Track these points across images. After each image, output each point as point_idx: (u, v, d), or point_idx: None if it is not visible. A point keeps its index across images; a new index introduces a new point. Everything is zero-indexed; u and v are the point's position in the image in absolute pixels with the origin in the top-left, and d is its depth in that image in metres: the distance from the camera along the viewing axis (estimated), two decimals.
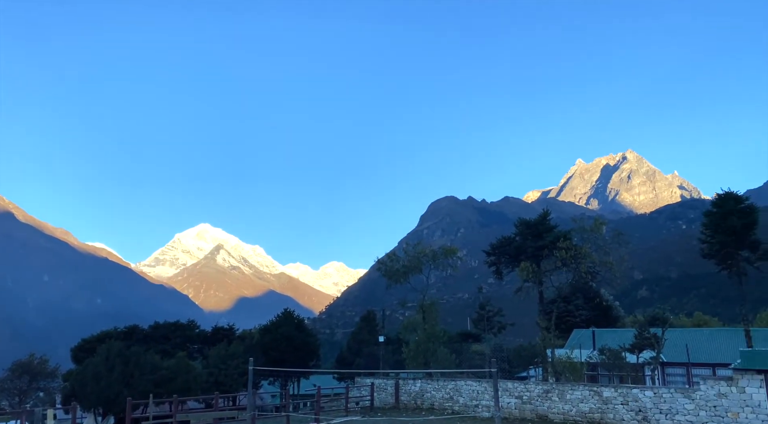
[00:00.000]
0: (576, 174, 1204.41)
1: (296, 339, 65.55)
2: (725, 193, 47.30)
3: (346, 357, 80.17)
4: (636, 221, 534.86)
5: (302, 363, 64.63)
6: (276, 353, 63.02)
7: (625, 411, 27.74)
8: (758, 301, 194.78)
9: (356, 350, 78.37)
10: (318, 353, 75.31)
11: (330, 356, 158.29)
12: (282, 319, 68.85)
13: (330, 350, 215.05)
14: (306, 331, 71.73)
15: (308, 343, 68.46)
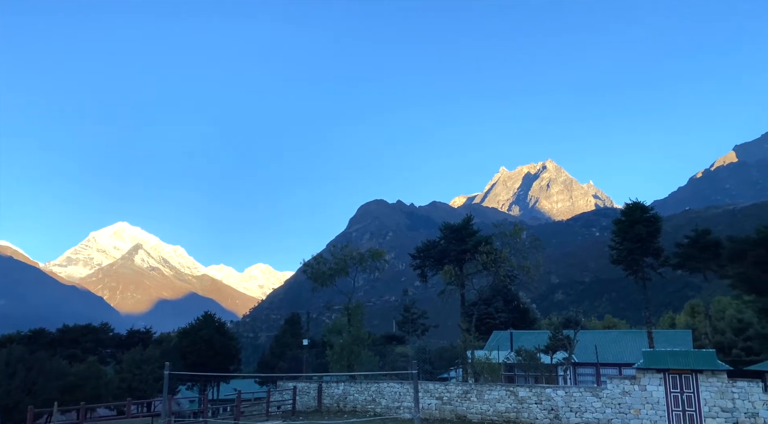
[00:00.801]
0: (499, 181, 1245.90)
1: (217, 343, 63.74)
2: (633, 203, 50.46)
3: (268, 361, 78.75)
4: (554, 228, 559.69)
5: (223, 367, 62.91)
6: (195, 357, 60.98)
7: (539, 410, 28.94)
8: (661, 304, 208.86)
9: (279, 354, 77.18)
10: (239, 357, 73.56)
11: (253, 359, 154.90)
12: (202, 322, 66.74)
13: (253, 354, 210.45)
14: (227, 334, 69.91)
15: (229, 346, 66.74)
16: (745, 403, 25.44)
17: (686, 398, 26.09)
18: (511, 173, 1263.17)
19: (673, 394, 26.29)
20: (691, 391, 26.07)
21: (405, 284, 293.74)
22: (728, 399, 25.66)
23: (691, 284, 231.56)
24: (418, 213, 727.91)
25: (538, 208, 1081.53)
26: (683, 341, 47.62)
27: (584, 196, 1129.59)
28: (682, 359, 26.76)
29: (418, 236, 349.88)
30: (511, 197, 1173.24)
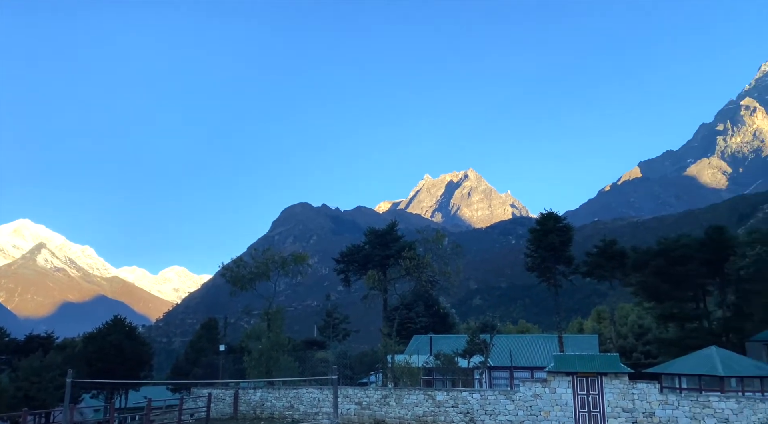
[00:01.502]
0: (423, 188, 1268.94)
1: (127, 348, 60.55)
2: (547, 213, 52.93)
3: (182, 367, 75.70)
4: (473, 235, 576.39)
5: (133, 374, 59.79)
6: (102, 364, 57.59)
7: (455, 413, 29.57)
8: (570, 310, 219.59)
9: (194, 360, 74.39)
10: (151, 363, 70.25)
11: (166, 366, 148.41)
12: (111, 326, 63.19)
13: (166, 360, 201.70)
14: (139, 339, 66.60)
15: (140, 352, 63.60)
16: (643, 403, 27.19)
17: (592, 399, 27.55)
18: (434, 181, 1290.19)
19: (580, 396, 27.68)
20: (597, 393, 27.57)
21: (328, 289, 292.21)
22: (629, 400, 27.34)
23: (598, 291, 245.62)
24: (343, 217, 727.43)
25: (460, 216, 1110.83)
26: (590, 346, 50.30)
27: (502, 205, 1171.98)
28: (588, 362, 28.26)
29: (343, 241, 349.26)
30: (434, 204, 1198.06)
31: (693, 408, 26.97)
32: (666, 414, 26.90)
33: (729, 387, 33.79)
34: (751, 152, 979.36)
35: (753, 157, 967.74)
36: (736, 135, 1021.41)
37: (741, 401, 27.11)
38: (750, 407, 26.77)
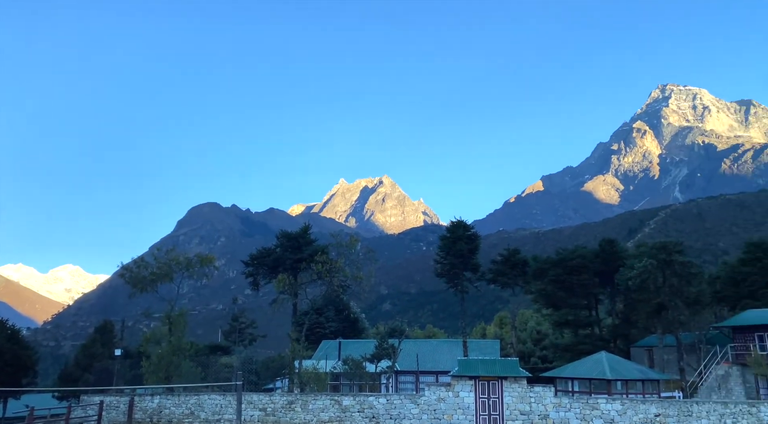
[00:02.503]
0: (338, 192, 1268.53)
1: (6, 352, 55.44)
2: (457, 221, 54.58)
3: (72, 373, 70.36)
4: (386, 241, 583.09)
5: (14, 381, 54.78)
6: None
7: (361, 418, 29.62)
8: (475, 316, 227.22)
9: (86, 365, 69.39)
10: (35, 369, 64.74)
11: (53, 371, 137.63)
12: None
13: (53, 365, 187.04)
14: (21, 343, 61.20)
15: (21, 356, 58.43)
16: (539, 406, 28.59)
17: (492, 402, 28.59)
18: (349, 185, 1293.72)
19: (481, 399, 28.64)
20: (497, 396, 28.65)
21: (235, 292, 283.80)
22: (526, 403, 28.64)
23: (501, 297, 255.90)
24: (254, 219, 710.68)
25: (373, 221, 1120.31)
26: (492, 350, 52.26)
27: (415, 212, 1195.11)
28: (490, 366, 29.33)
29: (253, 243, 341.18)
30: (349, 209, 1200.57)
31: (583, 410, 28.69)
32: (559, 416, 28.43)
33: (615, 390, 36.31)
34: (641, 171, 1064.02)
35: (642, 176, 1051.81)
36: (628, 155, 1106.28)
37: (625, 403, 29.19)
38: (632, 408, 28.88)
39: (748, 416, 29.77)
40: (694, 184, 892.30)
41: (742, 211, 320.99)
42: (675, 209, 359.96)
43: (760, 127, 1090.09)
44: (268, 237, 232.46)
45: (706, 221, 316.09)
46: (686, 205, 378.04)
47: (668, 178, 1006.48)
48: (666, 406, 29.36)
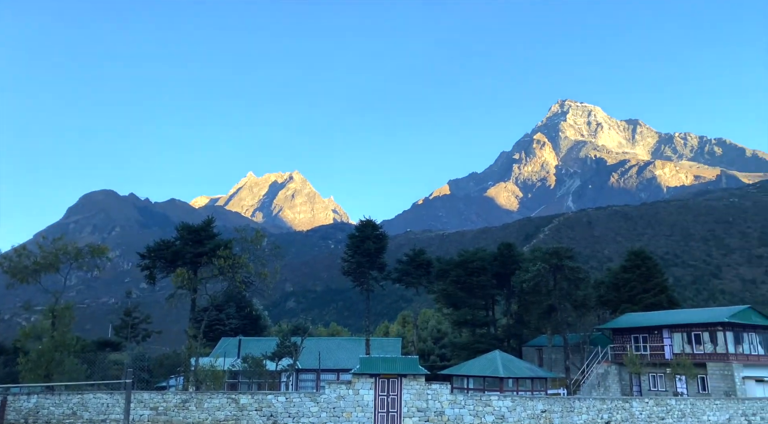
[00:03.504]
0: (246, 186, 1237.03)
1: None
2: (366, 220, 55.02)
3: None
4: (294, 238, 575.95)
5: None
6: None
7: (258, 417, 29.05)
8: (379, 314, 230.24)
9: None
10: None
11: None
12: None
13: None
14: None
15: None
16: (435, 403, 29.46)
17: (391, 400, 29.10)
18: (258, 179, 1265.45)
19: (380, 397, 29.05)
20: (396, 393, 29.19)
21: (129, 286, 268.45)
22: (423, 400, 29.40)
23: (405, 296, 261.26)
24: (153, 210, 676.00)
25: (281, 217, 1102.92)
26: (394, 348, 53.19)
27: (325, 210, 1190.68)
28: (391, 364, 29.82)
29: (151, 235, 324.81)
30: (256, 203, 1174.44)
31: (476, 406, 29.91)
32: (454, 413, 29.45)
33: (507, 387, 38.20)
34: (539, 181, 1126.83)
35: (540, 185, 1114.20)
36: (528, 164, 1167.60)
37: (515, 400, 30.78)
38: (522, 405, 30.51)
39: (622, 411, 32.40)
40: (586, 195, 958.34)
41: (626, 222, 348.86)
42: (567, 217, 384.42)
43: (644, 146, 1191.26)
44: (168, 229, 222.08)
45: (594, 229, 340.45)
46: (577, 214, 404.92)
47: (563, 188, 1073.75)
48: (552, 402, 31.28)
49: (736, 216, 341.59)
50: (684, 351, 44.93)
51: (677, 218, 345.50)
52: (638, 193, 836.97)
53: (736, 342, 43.33)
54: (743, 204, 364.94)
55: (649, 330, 47.96)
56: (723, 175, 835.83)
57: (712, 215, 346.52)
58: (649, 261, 64.45)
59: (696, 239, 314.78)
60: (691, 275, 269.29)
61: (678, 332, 46.02)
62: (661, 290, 61.11)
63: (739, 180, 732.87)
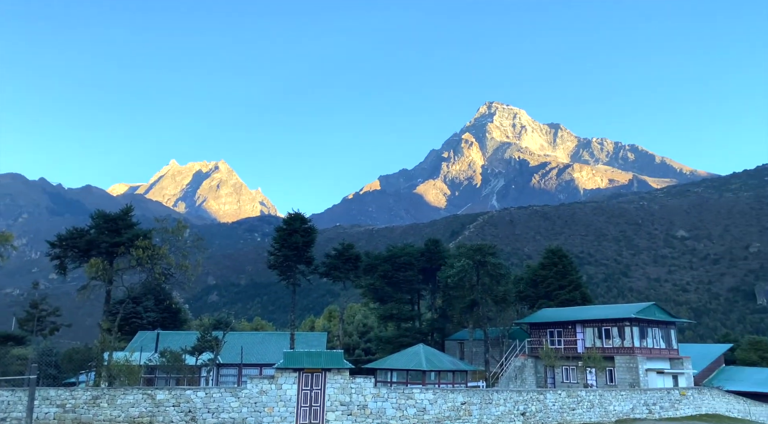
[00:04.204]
0: (168, 174, 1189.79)
1: None
2: (295, 213, 54.31)
3: None
4: (218, 229, 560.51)
5: None
6: None
7: (176, 413, 28.06)
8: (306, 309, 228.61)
9: None
10: None
11: None
12: None
13: None
14: None
15: None
16: (359, 397, 29.58)
17: (314, 394, 28.93)
18: (181, 168, 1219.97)
19: (304, 391, 28.82)
20: (320, 388, 29.06)
21: (37, 276, 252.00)
22: (347, 394, 29.45)
23: (332, 291, 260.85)
24: (66, 196, 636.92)
25: (205, 208, 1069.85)
26: (319, 343, 52.94)
27: (251, 202, 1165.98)
28: (315, 359, 29.64)
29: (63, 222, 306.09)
30: (179, 193, 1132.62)
31: (399, 400, 30.31)
32: (377, 406, 29.70)
33: (429, 380, 38.98)
34: (466, 179, 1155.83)
35: (466, 184, 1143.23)
36: (456, 163, 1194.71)
37: (437, 392, 31.45)
38: (443, 397, 31.23)
39: (537, 402, 33.89)
40: (509, 195, 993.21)
41: (545, 221, 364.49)
42: (491, 216, 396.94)
43: (564, 149, 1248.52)
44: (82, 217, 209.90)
45: (516, 228, 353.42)
46: (501, 212, 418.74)
47: (488, 187, 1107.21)
48: (471, 395, 32.22)
49: (644, 218, 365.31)
50: (595, 345, 47.55)
51: (592, 218, 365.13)
52: (557, 195, 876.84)
53: (641, 337, 46.34)
54: (651, 207, 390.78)
55: (564, 325, 50.38)
56: (635, 180, 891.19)
57: (623, 217, 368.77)
58: (566, 259, 67.63)
59: (608, 239, 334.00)
60: (603, 273, 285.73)
61: (590, 327, 48.63)
62: (575, 287, 64.32)
63: (649, 185, 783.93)
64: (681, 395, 41.46)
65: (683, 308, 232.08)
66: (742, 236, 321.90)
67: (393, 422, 29.67)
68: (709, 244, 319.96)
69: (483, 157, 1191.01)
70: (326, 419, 28.70)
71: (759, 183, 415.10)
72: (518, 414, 32.84)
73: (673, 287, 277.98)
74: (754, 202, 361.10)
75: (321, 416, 28.67)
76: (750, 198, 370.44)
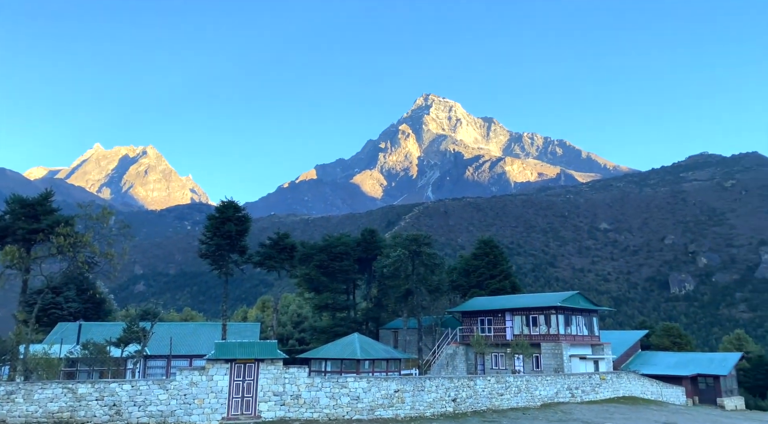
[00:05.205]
0: (92, 159, 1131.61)
1: None
2: (228, 201, 52.95)
3: None
4: (146, 217, 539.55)
5: None
6: None
7: (99, 407, 26.90)
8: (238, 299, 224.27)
9: None
10: None
11: None
12: None
13: None
14: None
15: None
16: (292, 387, 29.39)
17: (247, 385, 28.48)
18: (107, 152, 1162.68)
19: (236, 382, 28.32)
20: (252, 378, 28.63)
21: None
22: (280, 384, 29.18)
23: (266, 281, 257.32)
24: None
25: (132, 194, 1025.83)
26: (252, 333, 52.12)
27: (182, 189, 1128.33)
28: (248, 349, 29.15)
29: None
30: (104, 178, 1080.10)
31: (333, 388, 30.36)
32: (311, 396, 29.62)
33: (363, 369, 39.24)
34: (402, 170, 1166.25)
35: (403, 175, 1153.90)
36: (393, 154, 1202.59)
37: (371, 381, 31.73)
38: (376, 385, 31.54)
39: (467, 388, 34.86)
40: (444, 186, 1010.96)
41: (478, 212, 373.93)
42: (427, 207, 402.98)
43: (497, 143, 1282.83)
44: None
45: (450, 218, 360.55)
46: (436, 203, 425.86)
47: (424, 178, 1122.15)
48: (404, 382, 32.72)
49: (570, 211, 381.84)
50: (523, 333, 49.39)
51: (522, 211, 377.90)
52: (490, 187, 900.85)
53: (566, 324, 48.53)
54: (577, 200, 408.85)
55: (494, 313, 52.01)
56: (562, 174, 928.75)
57: (551, 209, 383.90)
58: (497, 250, 69.70)
59: (537, 230, 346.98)
60: (532, 263, 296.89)
61: (518, 315, 50.44)
62: (505, 277, 66.45)
63: (575, 179, 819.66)
64: (601, 380, 43.82)
65: (605, 296, 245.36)
66: (658, 228, 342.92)
67: (327, 411, 29.71)
68: (629, 236, 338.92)
69: (419, 149, 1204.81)
70: (259, 410, 28.36)
71: (675, 179, 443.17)
72: (449, 400, 33.67)
73: (596, 276, 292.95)
74: (670, 197, 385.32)
75: (253, 407, 28.29)
76: (666, 193, 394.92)
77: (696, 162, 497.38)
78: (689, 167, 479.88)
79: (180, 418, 27.32)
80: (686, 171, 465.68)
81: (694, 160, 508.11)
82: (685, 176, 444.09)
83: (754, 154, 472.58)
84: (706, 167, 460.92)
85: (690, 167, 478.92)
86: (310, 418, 29.15)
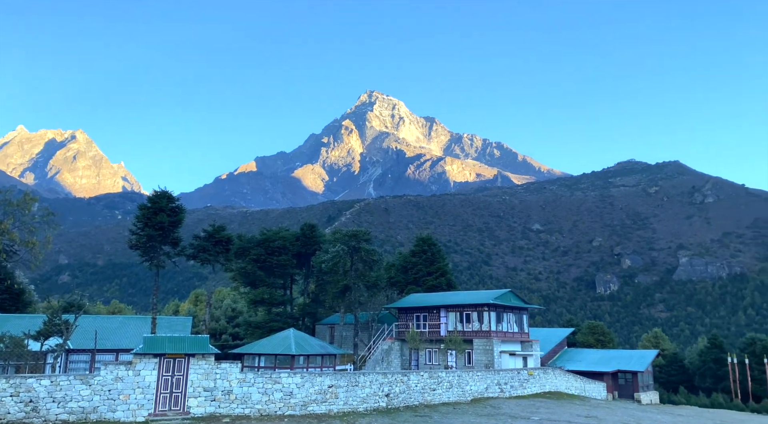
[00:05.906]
0: (15, 141, 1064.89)
1: None
2: (161, 191, 51.19)
3: None
4: (73, 204, 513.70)
5: None
6: None
7: (14, 403, 25.44)
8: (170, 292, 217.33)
9: None
10: None
11: None
12: None
13: None
14: None
15: None
16: (224, 382, 28.82)
17: (176, 380, 27.69)
18: (31, 135, 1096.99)
19: (164, 377, 27.47)
20: (182, 373, 27.85)
21: None
22: (211, 380, 28.55)
23: (200, 274, 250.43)
24: None
25: (59, 181, 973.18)
26: (183, 327, 50.63)
27: (113, 177, 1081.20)
28: (178, 344, 28.33)
29: None
30: (27, 162, 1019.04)
31: (266, 384, 29.99)
32: (243, 391, 29.14)
33: (298, 364, 39.01)
34: (344, 166, 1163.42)
35: (345, 170, 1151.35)
36: (335, 149, 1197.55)
37: (305, 376, 31.56)
38: (310, 381, 31.42)
39: (401, 383, 35.29)
40: (385, 183, 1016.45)
41: (417, 210, 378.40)
42: (368, 203, 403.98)
43: (438, 142, 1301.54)
44: None
45: (390, 215, 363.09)
46: (377, 200, 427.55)
47: (366, 175, 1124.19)
48: (338, 378, 32.74)
49: (505, 212, 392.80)
50: (457, 329, 50.47)
51: (460, 210, 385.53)
52: (430, 186, 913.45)
53: (497, 321, 49.96)
54: (512, 202, 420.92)
55: (429, 310, 52.85)
56: (499, 175, 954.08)
57: (487, 209, 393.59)
58: (434, 247, 70.82)
59: (473, 229, 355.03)
60: (468, 261, 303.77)
61: (453, 312, 51.49)
62: (441, 274, 67.65)
63: (511, 181, 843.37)
64: (529, 375, 45.44)
65: (535, 295, 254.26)
66: (587, 230, 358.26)
67: (258, 407, 29.33)
68: (560, 237, 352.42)
69: (362, 145, 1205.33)
70: (188, 406, 27.65)
71: (604, 184, 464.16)
72: (383, 395, 33.99)
73: (528, 275, 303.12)
74: (599, 201, 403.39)
75: (182, 403, 27.55)
76: (596, 197, 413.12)
77: (624, 168, 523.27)
78: (617, 173, 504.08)
79: (103, 415, 26.24)
80: (615, 177, 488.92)
81: (622, 167, 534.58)
82: (613, 182, 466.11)
83: (676, 163, 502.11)
84: (632, 173, 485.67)
85: (618, 173, 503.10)
86: (240, 414, 28.69)
